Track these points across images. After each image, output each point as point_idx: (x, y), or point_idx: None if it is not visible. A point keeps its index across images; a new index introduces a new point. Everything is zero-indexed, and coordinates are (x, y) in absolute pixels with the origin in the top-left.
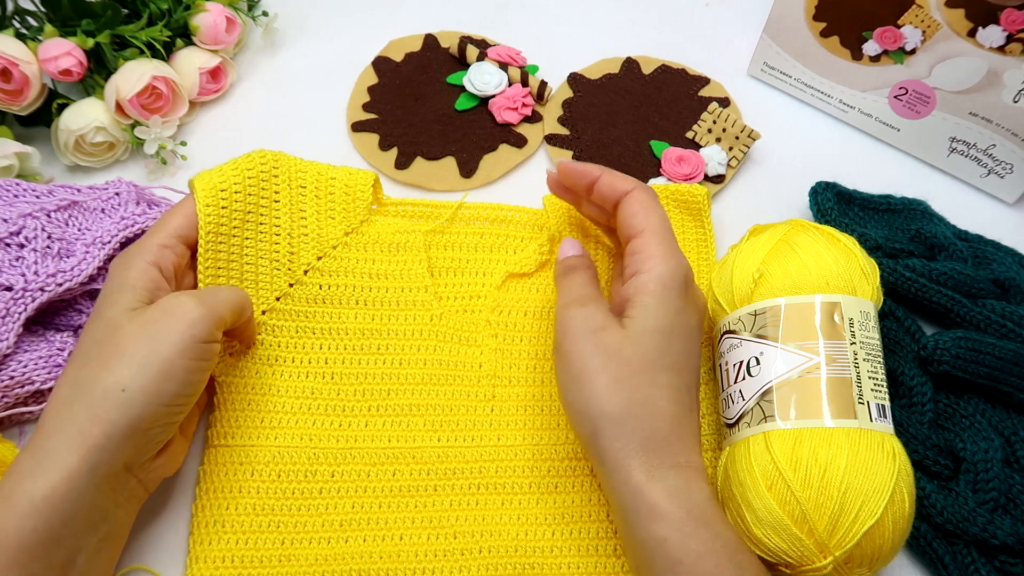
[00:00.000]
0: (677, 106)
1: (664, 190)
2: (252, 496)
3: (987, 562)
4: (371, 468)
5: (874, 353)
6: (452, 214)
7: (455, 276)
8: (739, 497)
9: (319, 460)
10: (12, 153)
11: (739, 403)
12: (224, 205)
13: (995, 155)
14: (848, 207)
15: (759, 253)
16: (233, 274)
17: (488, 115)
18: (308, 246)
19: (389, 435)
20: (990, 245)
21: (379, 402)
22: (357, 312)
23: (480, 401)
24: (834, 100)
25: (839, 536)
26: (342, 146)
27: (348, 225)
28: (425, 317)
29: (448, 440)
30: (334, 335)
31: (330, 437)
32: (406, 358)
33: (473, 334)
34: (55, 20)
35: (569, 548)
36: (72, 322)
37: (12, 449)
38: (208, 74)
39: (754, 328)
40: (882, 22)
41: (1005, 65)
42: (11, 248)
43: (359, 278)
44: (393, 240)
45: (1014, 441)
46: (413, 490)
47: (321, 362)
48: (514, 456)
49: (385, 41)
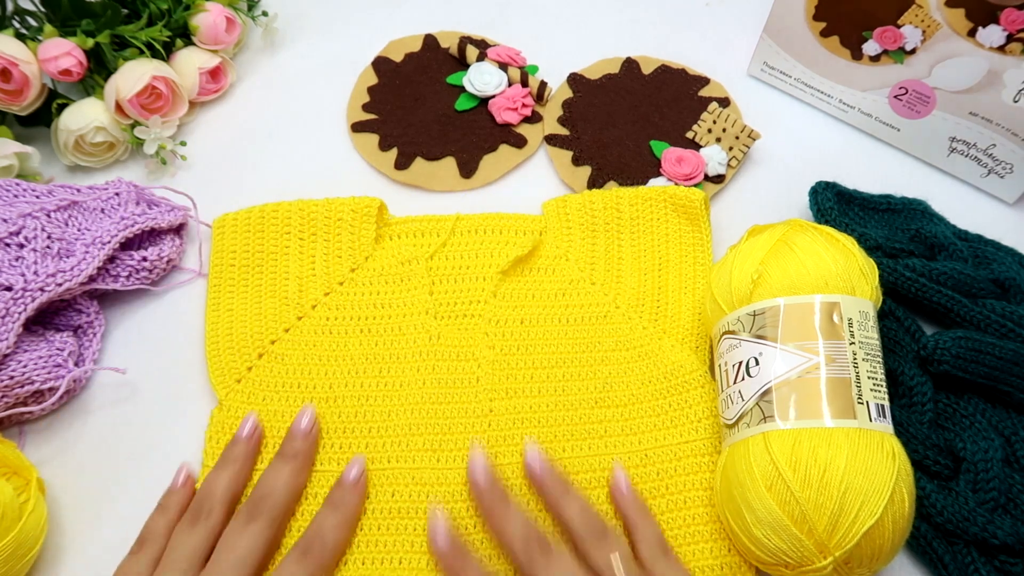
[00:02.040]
0: (677, 106)
1: (662, 192)
2: None
3: (987, 562)
4: (370, 490)
5: (873, 353)
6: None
7: (455, 283)
8: (739, 498)
9: (319, 483)
10: (12, 153)
11: (738, 404)
12: (233, 263)
13: (995, 155)
14: (848, 207)
15: (758, 254)
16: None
17: (488, 115)
18: (316, 284)
19: (388, 456)
20: (990, 245)
21: (379, 423)
22: (361, 340)
23: (477, 417)
24: (834, 100)
25: (839, 536)
26: (342, 146)
27: (354, 262)
28: (424, 339)
29: (447, 461)
30: (338, 362)
31: (330, 460)
32: (406, 379)
33: (471, 348)
34: (55, 20)
35: None
36: (72, 322)
37: (12, 449)
38: (208, 74)
39: (753, 329)
40: (882, 22)
41: (1005, 65)
42: (11, 248)
43: (363, 309)
44: (396, 272)
45: (1014, 441)
46: (412, 512)
47: (326, 387)
48: (511, 473)
49: (385, 41)
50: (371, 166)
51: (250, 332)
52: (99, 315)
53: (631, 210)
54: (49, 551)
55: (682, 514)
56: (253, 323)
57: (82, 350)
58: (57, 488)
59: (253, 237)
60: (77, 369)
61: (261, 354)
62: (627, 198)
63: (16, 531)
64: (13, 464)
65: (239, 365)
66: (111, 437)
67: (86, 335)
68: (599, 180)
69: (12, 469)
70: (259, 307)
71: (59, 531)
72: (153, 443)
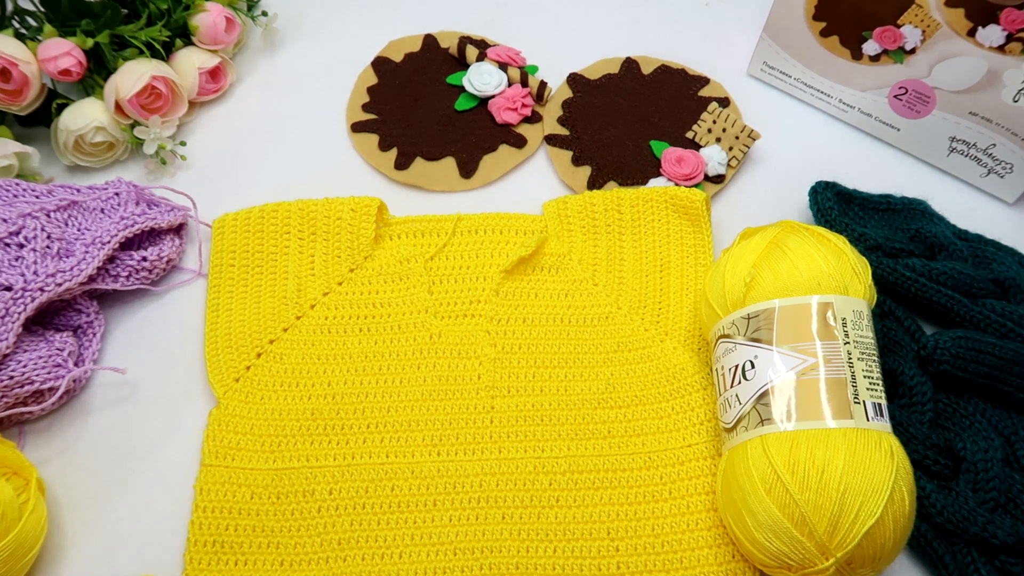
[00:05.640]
0: (677, 106)
1: (663, 193)
2: (251, 518)
3: (987, 562)
4: (369, 484)
5: (868, 352)
6: (450, 234)
7: (456, 283)
8: (739, 502)
9: (317, 479)
10: (12, 153)
11: (736, 407)
12: (232, 263)
13: (995, 155)
14: (848, 207)
15: (750, 256)
16: (241, 310)
17: (488, 115)
18: (315, 284)
19: (387, 451)
20: (990, 245)
21: (378, 419)
22: (360, 339)
23: (479, 414)
24: (834, 100)
25: (840, 537)
26: (342, 146)
27: (353, 262)
28: (424, 336)
29: (447, 454)
30: (337, 360)
31: (328, 455)
32: (406, 376)
33: (472, 346)
34: (55, 20)
35: (571, 566)
36: (72, 322)
37: (12, 449)
38: (207, 74)
39: (748, 332)
40: (882, 22)
41: (1005, 65)
42: (11, 248)
43: (362, 308)
44: (395, 271)
45: (1014, 441)
46: (412, 506)
47: (324, 385)
48: (514, 469)
49: (385, 41)
50: (371, 166)
51: (249, 331)
52: (99, 315)
53: (632, 211)
54: (49, 551)
55: (686, 519)
56: (252, 323)
57: (82, 350)
58: (57, 488)
59: (253, 237)
60: (77, 369)
61: (260, 353)
62: (628, 199)
63: (16, 531)
64: (13, 464)
65: (238, 364)
66: (111, 437)
67: (86, 335)
68: (599, 180)
69: (12, 469)
70: (258, 307)
71: (59, 531)
72: (153, 443)
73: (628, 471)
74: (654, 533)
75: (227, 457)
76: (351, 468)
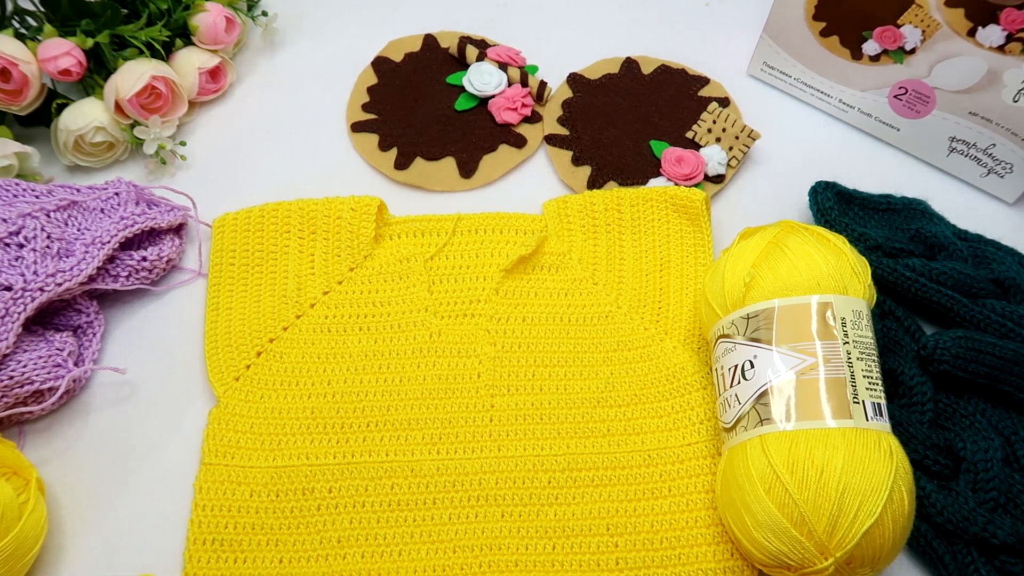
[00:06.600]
0: (677, 106)
1: (663, 193)
2: (251, 515)
3: (987, 562)
4: (369, 483)
5: (868, 352)
6: (450, 234)
7: (456, 283)
8: (738, 501)
9: (316, 477)
10: (12, 153)
11: (735, 407)
12: (232, 263)
13: (995, 155)
14: (848, 207)
15: (749, 256)
16: (241, 310)
17: (488, 115)
18: (315, 283)
19: (387, 449)
20: (990, 245)
21: (378, 418)
22: (360, 337)
23: (479, 412)
24: (834, 100)
25: (839, 537)
26: (342, 146)
27: (353, 261)
28: (424, 335)
29: (447, 453)
30: (337, 359)
31: (327, 454)
32: (406, 375)
33: (472, 345)
34: (54, 20)
35: (571, 563)
36: (72, 322)
37: (12, 449)
38: (207, 74)
39: (747, 332)
40: (882, 22)
41: (1005, 65)
42: (11, 248)
43: (362, 307)
44: (395, 270)
45: (1014, 441)
46: (411, 504)
47: (324, 383)
48: (514, 467)
49: (384, 41)
50: (371, 166)
51: (249, 331)
52: (99, 315)
53: (632, 211)
54: (49, 551)
55: (685, 517)
56: (252, 322)
57: (82, 350)
58: (57, 488)
59: (253, 237)
60: (77, 369)
61: (260, 352)
62: (628, 199)
63: (16, 531)
64: (13, 464)
65: (238, 363)
66: (111, 437)
67: (86, 335)
68: (599, 180)
69: (12, 469)
70: (258, 306)
71: (59, 531)
72: (153, 443)
73: (627, 469)
74: (653, 530)
75: (227, 455)
76: (351, 466)
